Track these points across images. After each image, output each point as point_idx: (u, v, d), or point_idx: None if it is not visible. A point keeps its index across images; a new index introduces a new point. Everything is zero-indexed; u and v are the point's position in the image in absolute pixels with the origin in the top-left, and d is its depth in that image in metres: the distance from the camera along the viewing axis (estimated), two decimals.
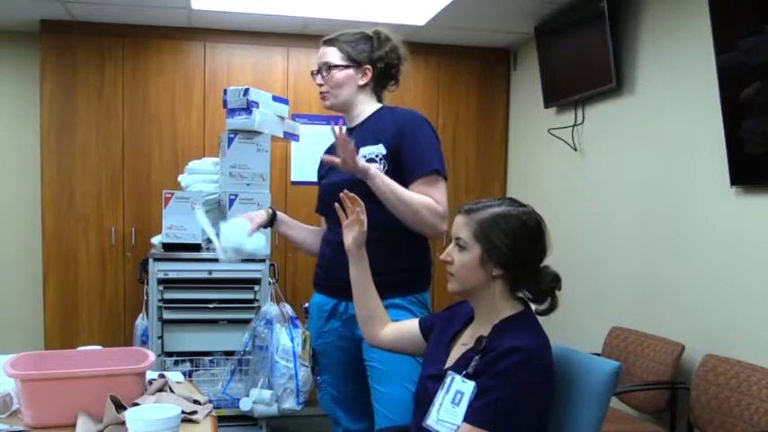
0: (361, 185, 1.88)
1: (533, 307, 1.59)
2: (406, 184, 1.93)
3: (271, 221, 2.14)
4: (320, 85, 2.07)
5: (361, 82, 2.04)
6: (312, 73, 2.11)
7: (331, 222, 2.05)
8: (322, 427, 2.22)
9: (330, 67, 2.03)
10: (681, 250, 2.96)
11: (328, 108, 2.10)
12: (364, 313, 1.80)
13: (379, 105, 2.08)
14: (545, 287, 1.55)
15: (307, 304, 2.21)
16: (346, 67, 2.02)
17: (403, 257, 1.96)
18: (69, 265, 4.09)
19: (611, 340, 3.22)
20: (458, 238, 1.56)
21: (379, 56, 2.03)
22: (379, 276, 1.81)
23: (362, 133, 2.01)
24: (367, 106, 2.07)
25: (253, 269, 3.37)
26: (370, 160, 1.93)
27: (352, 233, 1.74)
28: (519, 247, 1.51)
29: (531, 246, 1.53)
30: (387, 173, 1.92)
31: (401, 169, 1.94)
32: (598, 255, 3.58)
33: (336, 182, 1.92)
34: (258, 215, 2.11)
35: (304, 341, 2.16)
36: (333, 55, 2.03)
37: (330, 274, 2.03)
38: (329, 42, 2.06)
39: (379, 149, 1.94)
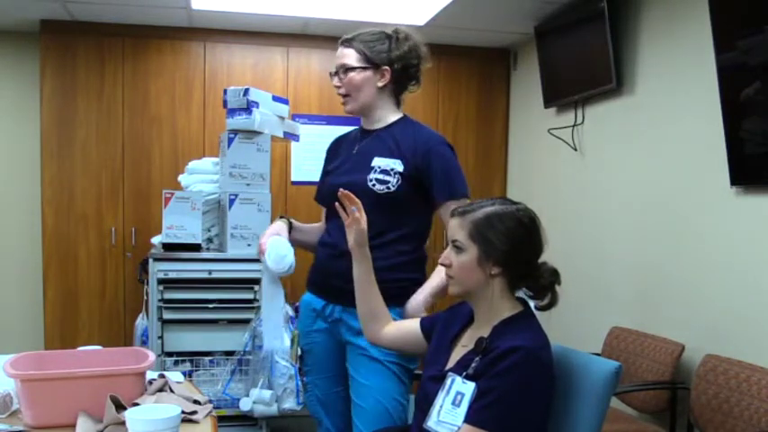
0: (368, 191, 1.88)
1: (534, 303, 1.59)
2: (432, 204, 1.95)
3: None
4: (338, 87, 2.00)
5: (380, 84, 1.98)
6: (330, 74, 2.04)
7: (329, 224, 2.05)
8: None
9: (347, 69, 1.97)
10: (681, 250, 2.96)
11: (348, 112, 2.05)
12: (366, 311, 1.81)
13: (401, 115, 2.05)
14: (545, 282, 1.56)
15: (298, 303, 2.20)
16: (364, 68, 1.96)
17: (403, 268, 1.95)
18: (69, 265, 4.09)
19: (611, 340, 3.22)
20: (454, 241, 1.56)
21: (397, 56, 1.97)
22: (378, 285, 1.81)
23: (380, 141, 1.99)
24: (387, 112, 2.03)
25: (253, 269, 3.37)
26: (384, 172, 1.92)
27: (353, 234, 1.74)
28: (516, 244, 1.52)
29: (528, 242, 1.54)
30: (399, 188, 1.91)
31: (422, 189, 1.94)
32: (598, 255, 3.58)
33: (344, 183, 1.88)
34: (283, 230, 2.05)
35: (292, 340, 2.15)
36: (350, 56, 1.97)
37: (323, 277, 2.03)
38: (347, 43, 1.99)
39: (396, 164, 1.92)
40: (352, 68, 1.97)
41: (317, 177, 2.21)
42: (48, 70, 4.05)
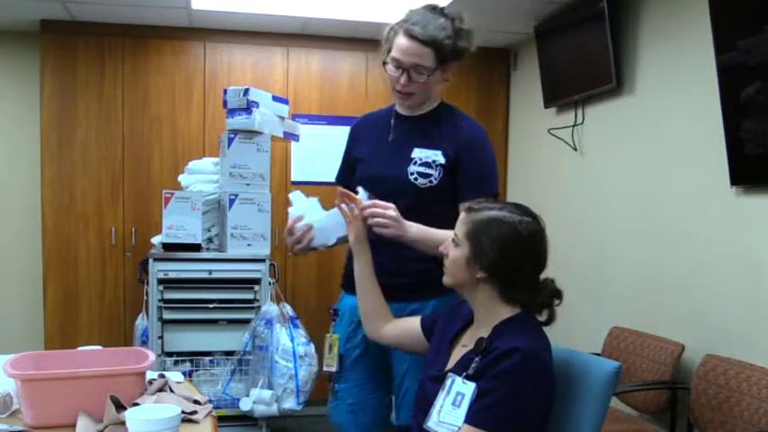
0: (410, 186, 1.84)
1: None
2: (461, 196, 1.85)
3: None
4: (406, 85, 1.86)
5: (442, 78, 1.90)
6: (387, 63, 1.87)
7: None
8: (322, 427, 2.21)
9: (426, 71, 1.84)
10: (681, 250, 2.96)
11: (408, 107, 1.93)
12: (368, 308, 1.82)
13: (439, 101, 1.97)
14: (541, 300, 1.53)
15: (336, 305, 2.07)
16: (437, 68, 1.85)
17: (438, 259, 1.88)
18: (69, 265, 4.09)
19: (611, 340, 3.22)
20: (455, 234, 1.57)
21: (462, 48, 1.86)
22: (414, 277, 1.83)
23: (419, 129, 1.93)
24: (431, 99, 1.96)
25: (253, 269, 3.38)
26: (425, 164, 1.86)
27: (353, 230, 1.78)
28: (505, 254, 1.49)
29: (521, 256, 1.50)
30: (440, 181, 1.85)
31: (455, 180, 1.87)
32: (598, 255, 3.58)
33: (384, 175, 1.81)
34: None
35: (331, 345, 2.01)
36: (428, 57, 1.82)
37: None
38: (427, 43, 1.82)
39: (437, 156, 1.86)
40: (432, 71, 1.84)
41: (317, 177, 2.20)
42: (48, 70, 4.05)
